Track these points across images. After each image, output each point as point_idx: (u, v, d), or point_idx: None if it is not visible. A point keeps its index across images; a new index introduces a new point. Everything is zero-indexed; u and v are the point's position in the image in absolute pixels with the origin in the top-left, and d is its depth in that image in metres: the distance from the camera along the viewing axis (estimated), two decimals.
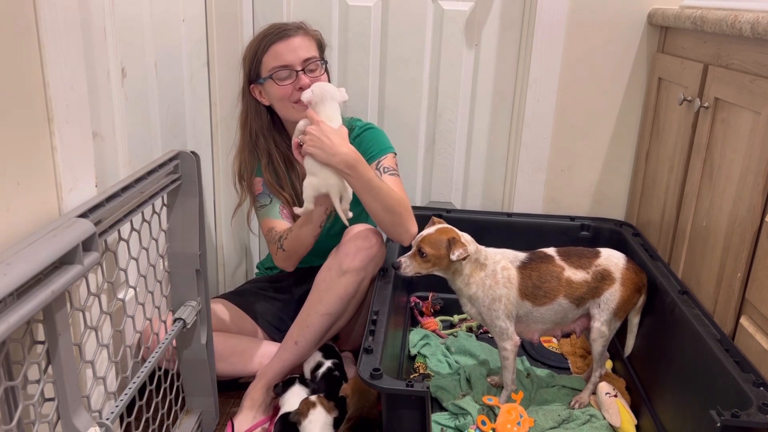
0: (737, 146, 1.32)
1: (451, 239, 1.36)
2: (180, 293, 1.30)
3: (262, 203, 1.66)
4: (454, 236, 1.38)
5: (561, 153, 1.97)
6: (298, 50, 1.56)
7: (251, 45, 1.60)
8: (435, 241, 1.38)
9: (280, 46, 1.55)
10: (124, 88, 1.37)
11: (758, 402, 1.04)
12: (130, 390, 1.07)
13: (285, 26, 1.59)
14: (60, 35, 0.94)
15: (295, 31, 1.57)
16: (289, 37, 1.56)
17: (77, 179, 1.00)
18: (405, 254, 1.42)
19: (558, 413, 1.45)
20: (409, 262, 1.40)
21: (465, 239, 1.41)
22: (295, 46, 1.56)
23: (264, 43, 1.57)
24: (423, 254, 1.38)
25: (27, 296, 0.76)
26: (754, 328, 1.22)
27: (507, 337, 1.45)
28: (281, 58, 1.55)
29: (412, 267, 1.40)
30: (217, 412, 1.47)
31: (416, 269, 1.40)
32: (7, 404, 0.84)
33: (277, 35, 1.56)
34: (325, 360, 1.57)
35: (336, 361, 1.58)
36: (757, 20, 1.20)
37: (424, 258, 1.38)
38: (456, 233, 1.40)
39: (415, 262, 1.40)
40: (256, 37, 1.61)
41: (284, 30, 1.57)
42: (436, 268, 1.41)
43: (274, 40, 1.56)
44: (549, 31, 1.85)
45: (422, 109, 2.04)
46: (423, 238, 1.39)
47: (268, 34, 1.58)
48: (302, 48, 1.57)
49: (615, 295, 1.45)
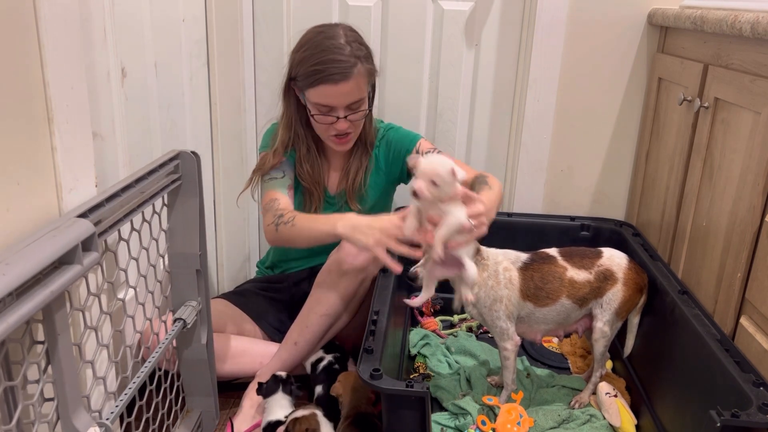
0: (737, 146, 1.32)
1: None
2: (180, 293, 1.30)
3: (274, 176, 1.62)
4: None
5: (561, 153, 1.97)
6: (346, 96, 1.49)
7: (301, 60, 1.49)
8: None
9: (328, 88, 1.47)
10: (124, 88, 1.37)
11: (758, 402, 1.04)
12: (130, 390, 1.07)
13: (339, 64, 1.45)
14: (60, 35, 0.94)
15: (348, 72, 1.45)
16: (338, 82, 1.46)
17: (77, 179, 1.00)
18: (418, 264, 1.38)
19: (558, 413, 1.45)
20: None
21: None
22: (344, 92, 1.48)
23: (313, 73, 1.46)
24: None
25: (26, 296, 0.76)
26: (754, 328, 1.22)
27: (508, 337, 1.45)
28: (326, 98, 1.49)
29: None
30: (217, 412, 1.47)
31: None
32: (6, 404, 0.84)
33: (329, 77, 1.45)
34: (326, 354, 1.58)
35: (337, 355, 1.58)
36: (757, 20, 1.20)
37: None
38: None
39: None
40: (307, 48, 1.48)
41: (337, 72, 1.45)
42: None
43: (323, 80, 1.46)
44: (549, 31, 1.85)
45: (422, 109, 2.04)
46: None
47: (320, 65, 1.45)
48: (351, 94, 1.49)
49: (617, 295, 1.45)
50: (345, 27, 1.54)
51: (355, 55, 1.47)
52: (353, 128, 1.57)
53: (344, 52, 1.46)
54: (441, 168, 1.19)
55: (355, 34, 1.53)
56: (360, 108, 1.53)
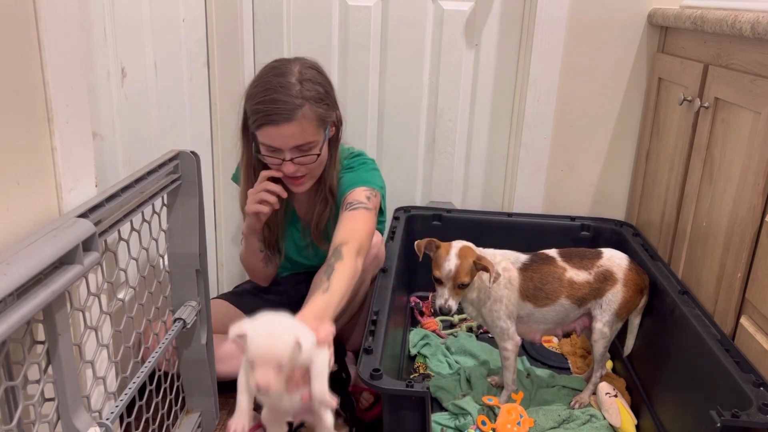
0: (737, 146, 1.32)
1: (476, 262, 1.36)
2: (180, 293, 1.30)
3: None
4: (475, 257, 1.37)
5: (561, 153, 1.97)
6: (288, 139, 1.39)
7: (249, 96, 1.42)
8: (467, 269, 1.36)
9: (270, 129, 1.38)
10: (124, 88, 1.37)
11: (758, 402, 1.04)
12: (130, 390, 1.07)
13: (282, 105, 1.36)
14: (60, 35, 0.94)
15: (290, 114, 1.36)
16: (279, 124, 1.36)
17: (77, 179, 1.00)
18: (443, 295, 1.37)
19: (558, 413, 1.45)
20: (453, 301, 1.37)
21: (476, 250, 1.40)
22: (287, 134, 1.38)
23: (255, 112, 1.38)
24: (465, 285, 1.37)
25: (27, 296, 0.76)
26: (754, 328, 1.22)
27: (508, 337, 1.45)
28: (270, 140, 1.40)
29: (456, 301, 1.38)
30: (217, 412, 1.47)
31: (459, 300, 1.39)
32: (7, 404, 0.84)
33: (269, 117, 1.36)
34: None
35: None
36: (757, 20, 1.20)
37: (465, 287, 1.38)
38: (472, 251, 1.39)
39: (457, 295, 1.38)
40: (256, 86, 1.41)
41: (277, 113, 1.36)
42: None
43: (265, 121, 1.37)
44: (549, 31, 1.85)
45: (422, 109, 2.04)
46: (457, 273, 1.36)
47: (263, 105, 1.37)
48: (294, 137, 1.39)
49: (617, 296, 1.45)
50: (304, 63, 1.44)
51: (302, 96, 1.37)
52: (305, 171, 1.47)
53: (290, 92, 1.36)
54: (281, 348, 0.93)
55: (313, 72, 1.43)
56: (310, 151, 1.43)
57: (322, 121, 1.42)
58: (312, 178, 1.52)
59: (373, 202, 1.48)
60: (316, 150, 1.44)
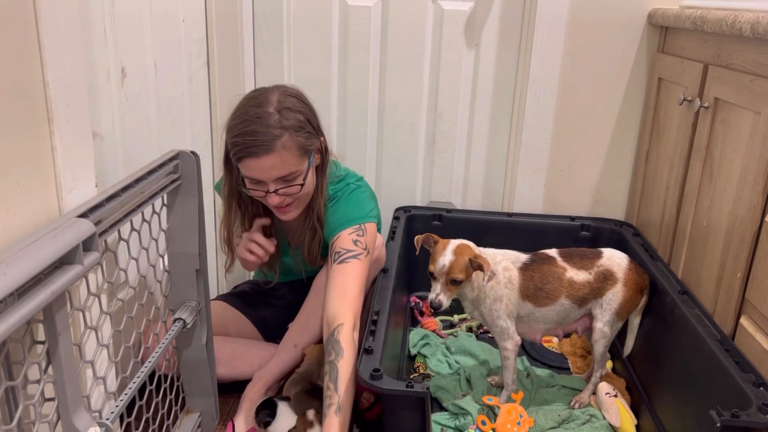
0: (737, 146, 1.32)
1: (471, 260, 1.36)
2: (180, 293, 1.30)
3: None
4: (472, 255, 1.36)
5: (561, 153, 1.97)
6: (270, 170, 1.35)
7: (228, 129, 1.37)
8: (462, 265, 1.36)
9: (251, 162, 1.34)
10: (124, 88, 1.37)
11: (758, 402, 1.04)
12: (130, 390, 1.07)
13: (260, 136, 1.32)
14: (60, 35, 0.94)
15: (269, 145, 1.32)
16: (259, 156, 1.32)
17: (77, 179, 1.00)
18: (435, 290, 1.36)
19: (558, 413, 1.45)
20: (444, 296, 1.36)
21: (475, 249, 1.40)
22: (267, 166, 1.34)
23: (235, 145, 1.34)
24: (457, 282, 1.36)
25: (27, 296, 0.76)
26: (754, 328, 1.22)
27: (508, 337, 1.45)
28: (251, 172, 1.36)
29: (449, 297, 1.37)
30: (217, 412, 1.47)
31: (451, 297, 1.38)
32: (7, 404, 0.84)
33: (248, 150, 1.32)
34: None
35: None
36: (757, 20, 1.20)
37: (459, 284, 1.37)
38: (469, 249, 1.39)
39: (450, 292, 1.37)
40: (235, 117, 1.36)
41: (255, 146, 1.32)
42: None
43: (244, 154, 1.33)
44: (549, 31, 1.85)
45: (422, 109, 2.04)
46: (451, 268, 1.35)
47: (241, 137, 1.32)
48: (275, 168, 1.34)
49: (617, 296, 1.45)
50: (282, 91, 1.39)
51: (281, 126, 1.32)
52: (290, 200, 1.43)
53: (268, 122, 1.32)
54: None
55: (293, 100, 1.38)
56: (294, 181, 1.39)
57: (304, 150, 1.37)
58: (299, 205, 1.48)
59: (362, 244, 1.44)
60: (299, 180, 1.40)
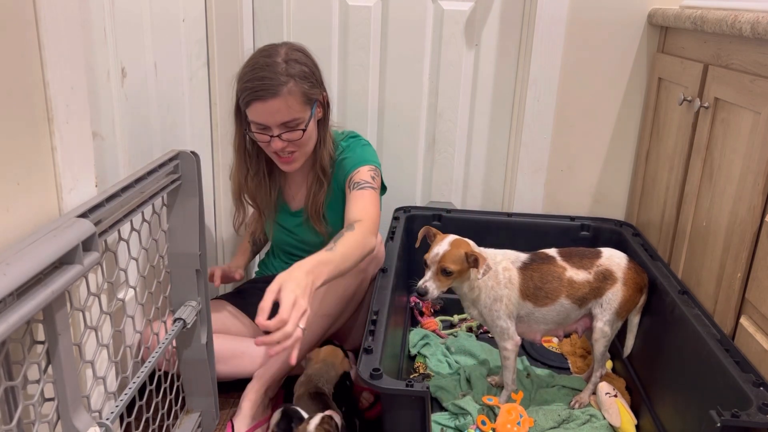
0: (737, 146, 1.32)
1: (467, 253, 1.36)
2: (180, 293, 1.30)
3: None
4: (468, 250, 1.36)
5: (561, 153, 1.97)
6: (275, 114, 1.45)
7: (239, 77, 1.49)
8: (456, 257, 1.36)
9: (258, 106, 1.45)
10: (124, 88, 1.37)
11: (758, 402, 1.04)
12: (130, 390, 1.07)
13: (268, 81, 1.43)
14: (60, 35, 0.94)
15: (275, 89, 1.42)
16: (266, 99, 1.43)
17: (77, 179, 1.00)
18: (425, 278, 1.37)
19: (558, 413, 1.45)
20: (434, 284, 1.36)
21: (474, 247, 1.40)
22: (273, 110, 1.44)
23: (244, 90, 1.46)
24: (448, 273, 1.36)
25: (27, 296, 0.76)
26: (754, 328, 1.22)
27: (508, 337, 1.45)
28: (258, 116, 1.47)
29: (438, 287, 1.36)
30: (218, 412, 1.47)
31: (441, 288, 1.37)
32: (7, 404, 0.84)
33: (256, 93, 1.43)
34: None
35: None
36: (757, 20, 1.20)
37: (450, 276, 1.36)
38: (467, 244, 1.39)
39: (439, 281, 1.36)
40: (246, 66, 1.48)
41: (263, 89, 1.43)
42: (457, 281, 1.40)
43: (252, 97, 1.44)
44: (549, 31, 1.85)
45: (422, 109, 2.04)
46: (443, 257, 1.36)
47: (250, 83, 1.44)
48: (280, 112, 1.45)
49: (617, 295, 1.45)
50: (291, 46, 1.50)
51: (288, 74, 1.43)
52: (293, 147, 1.52)
53: (276, 70, 1.43)
54: None
55: (300, 54, 1.49)
56: (297, 127, 1.48)
57: (307, 98, 1.48)
58: (302, 156, 1.56)
59: (377, 182, 1.56)
60: (302, 126, 1.49)
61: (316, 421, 1.30)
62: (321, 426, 1.29)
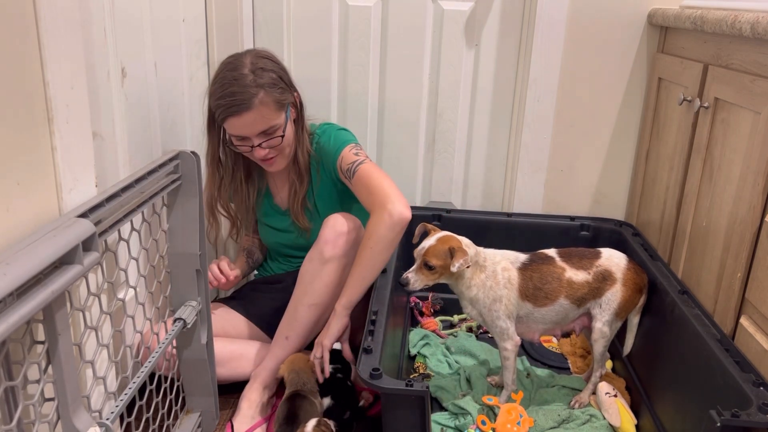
0: (737, 146, 1.32)
1: (451, 248, 1.36)
2: (180, 293, 1.30)
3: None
4: (454, 245, 1.37)
5: (561, 153, 1.97)
6: (251, 126, 1.48)
7: (210, 94, 1.51)
8: (439, 252, 1.37)
9: (233, 120, 1.47)
10: (124, 88, 1.37)
11: (758, 402, 1.04)
12: (130, 390, 1.07)
13: (238, 96, 1.44)
14: (60, 35, 0.94)
15: (247, 102, 1.44)
16: (241, 114, 1.45)
17: (77, 179, 1.00)
18: (410, 269, 1.39)
19: (558, 413, 1.45)
20: (416, 276, 1.38)
21: (465, 244, 1.41)
22: (249, 122, 1.47)
23: (217, 107, 1.48)
24: (430, 267, 1.37)
25: (27, 296, 0.76)
26: (754, 328, 1.22)
27: (508, 337, 1.45)
28: (236, 130, 1.50)
29: (420, 280, 1.39)
30: (218, 412, 1.47)
31: (424, 282, 1.39)
32: (7, 404, 0.84)
33: (229, 110, 1.45)
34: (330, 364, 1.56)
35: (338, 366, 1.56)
36: (757, 20, 1.20)
37: (432, 270, 1.37)
38: (456, 240, 1.40)
39: (422, 275, 1.38)
40: (214, 83, 1.49)
41: (236, 104, 1.44)
42: (443, 278, 1.41)
43: (226, 113, 1.46)
44: (549, 31, 1.85)
45: (422, 109, 2.04)
46: (427, 251, 1.37)
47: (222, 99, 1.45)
48: (256, 123, 1.48)
49: (616, 296, 1.45)
50: (254, 54, 1.52)
51: (257, 84, 1.45)
52: (275, 152, 1.56)
53: (244, 83, 1.45)
54: None
55: (266, 60, 1.51)
56: (275, 134, 1.52)
57: (280, 104, 1.51)
58: (283, 157, 1.61)
59: (363, 154, 1.59)
60: (279, 132, 1.53)
61: (312, 423, 1.31)
62: (318, 428, 1.30)
